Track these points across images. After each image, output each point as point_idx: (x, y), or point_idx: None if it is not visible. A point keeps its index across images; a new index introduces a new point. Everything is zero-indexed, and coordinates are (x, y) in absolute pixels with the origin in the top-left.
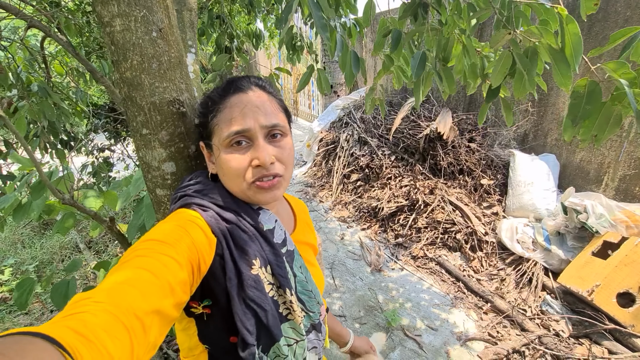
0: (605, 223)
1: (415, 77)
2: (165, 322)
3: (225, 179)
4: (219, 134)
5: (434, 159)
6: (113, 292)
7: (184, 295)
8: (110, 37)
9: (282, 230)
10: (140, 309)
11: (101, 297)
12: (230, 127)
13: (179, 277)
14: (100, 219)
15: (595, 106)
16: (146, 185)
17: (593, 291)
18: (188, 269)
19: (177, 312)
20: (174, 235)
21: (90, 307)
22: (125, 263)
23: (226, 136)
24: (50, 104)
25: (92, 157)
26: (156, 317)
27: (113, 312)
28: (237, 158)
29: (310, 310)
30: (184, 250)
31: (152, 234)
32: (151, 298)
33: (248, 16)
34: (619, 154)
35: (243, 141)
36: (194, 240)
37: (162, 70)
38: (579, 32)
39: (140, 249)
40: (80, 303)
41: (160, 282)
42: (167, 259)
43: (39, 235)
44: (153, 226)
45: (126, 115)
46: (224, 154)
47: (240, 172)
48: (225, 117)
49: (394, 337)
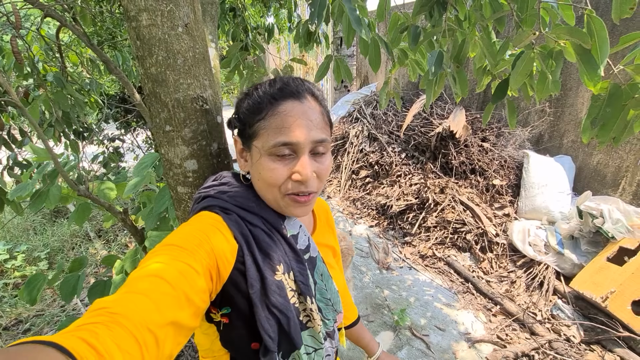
0: (622, 228)
1: (432, 75)
2: (182, 333)
3: (260, 184)
4: (264, 139)
5: (446, 157)
6: (129, 303)
7: (203, 303)
8: (136, 32)
9: (306, 236)
10: (154, 322)
11: (117, 308)
12: (279, 136)
13: (197, 286)
14: (114, 211)
15: (616, 109)
16: (167, 182)
17: (607, 297)
18: (207, 277)
19: (196, 321)
20: (194, 241)
21: (105, 317)
22: (144, 270)
23: (272, 144)
24: (65, 94)
25: (103, 146)
26: (171, 329)
27: (126, 325)
28: (278, 169)
29: (325, 318)
30: (203, 258)
31: (173, 238)
32: (166, 310)
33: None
34: (638, 158)
35: (288, 153)
36: (214, 246)
37: (187, 66)
38: (606, 32)
39: (159, 254)
40: (97, 312)
41: (177, 292)
42: (185, 267)
43: (50, 223)
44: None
45: (149, 111)
46: (266, 160)
47: (278, 183)
48: (276, 124)
49: (401, 336)
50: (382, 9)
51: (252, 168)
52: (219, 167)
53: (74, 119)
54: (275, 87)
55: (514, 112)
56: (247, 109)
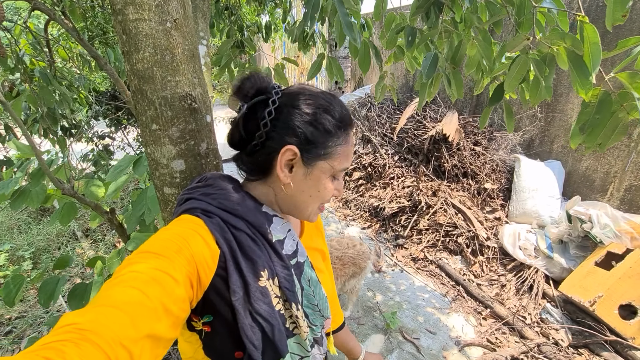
0: (609, 233)
1: (426, 77)
2: (161, 345)
3: (310, 198)
4: (336, 162)
5: (438, 160)
6: (100, 317)
7: (183, 312)
8: (122, 26)
9: (294, 240)
10: (128, 337)
11: (87, 324)
12: (346, 163)
13: (175, 295)
14: (101, 210)
15: (605, 115)
16: (153, 183)
17: (595, 302)
18: (186, 285)
19: (176, 332)
20: (172, 247)
21: (74, 334)
22: (118, 279)
23: (341, 169)
24: (50, 90)
25: (92, 144)
26: (147, 343)
27: (97, 342)
28: (332, 187)
29: (312, 324)
30: (182, 265)
31: (150, 245)
32: (141, 323)
33: (258, 8)
34: (626, 164)
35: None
36: (194, 252)
37: (175, 63)
38: (598, 39)
39: (135, 262)
40: (65, 329)
41: (153, 303)
42: (163, 275)
43: (36, 222)
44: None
45: (135, 109)
46: (327, 180)
47: (326, 198)
48: (346, 152)
49: (392, 339)
50: (379, 9)
51: (304, 182)
52: (207, 168)
53: (58, 115)
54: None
55: (512, 115)
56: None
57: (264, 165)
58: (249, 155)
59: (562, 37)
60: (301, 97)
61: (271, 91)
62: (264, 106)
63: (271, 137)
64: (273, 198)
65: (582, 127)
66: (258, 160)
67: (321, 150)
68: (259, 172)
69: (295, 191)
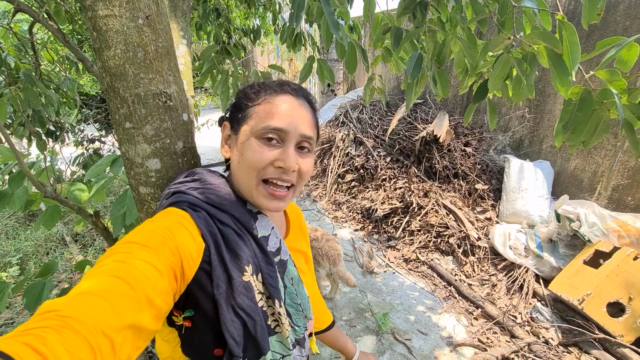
0: (597, 232)
1: (411, 78)
2: (142, 336)
3: (240, 166)
4: (255, 121)
5: (430, 161)
6: (82, 305)
7: (166, 305)
8: (92, 23)
9: (277, 238)
10: (110, 325)
11: (68, 311)
12: (271, 120)
13: (159, 286)
14: (85, 213)
15: (586, 113)
16: (129, 182)
17: (584, 300)
18: (170, 277)
19: (158, 324)
20: (157, 238)
21: (55, 321)
22: (102, 268)
23: (263, 127)
24: (36, 92)
25: (82, 148)
26: (129, 333)
27: (79, 329)
28: (263, 151)
29: (295, 324)
30: (166, 256)
31: (135, 235)
32: (124, 313)
33: (247, 11)
34: (613, 163)
35: (275, 139)
36: (178, 245)
37: (148, 60)
38: (577, 38)
39: (119, 252)
40: (45, 316)
41: (137, 294)
42: (147, 266)
43: (24, 227)
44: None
45: (109, 107)
46: (252, 142)
47: (260, 166)
48: (270, 110)
49: (383, 340)
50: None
51: (235, 152)
52: (184, 167)
53: (45, 117)
54: (277, 82)
55: (495, 113)
56: (245, 95)
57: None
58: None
59: (541, 37)
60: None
61: None
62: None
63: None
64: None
65: (565, 125)
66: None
67: (241, 115)
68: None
69: (232, 164)
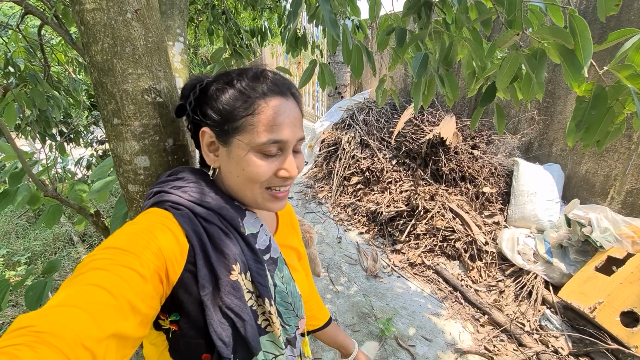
0: (610, 238)
1: (416, 77)
2: (128, 345)
3: (239, 180)
4: (252, 135)
5: (436, 164)
6: (58, 318)
7: (152, 310)
8: (80, 17)
9: (267, 236)
10: (90, 337)
11: (44, 326)
12: (271, 134)
13: (142, 292)
14: (85, 212)
15: (601, 111)
16: (118, 180)
17: (595, 308)
18: (154, 281)
19: (144, 330)
20: (139, 242)
21: (29, 337)
22: (80, 276)
23: (264, 142)
24: (42, 92)
25: (92, 149)
26: (113, 342)
27: (55, 343)
28: (265, 165)
29: (286, 324)
30: (149, 260)
31: (115, 240)
32: (105, 322)
33: (253, 13)
34: (627, 167)
35: (276, 151)
36: (162, 247)
37: (137, 55)
38: (589, 31)
39: (99, 259)
40: (19, 332)
41: (118, 301)
42: (129, 272)
43: (33, 226)
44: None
45: (97, 102)
46: (252, 157)
47: (264, 179)
48: (267, 121)
49: (387, 346)
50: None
51: (229, 163)
52: (175, 165)
53: (51, 118)
54: (261, 82)
55: (503, 117)
56: (231, 101)
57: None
58: (197, 148)
59: (551, 32)
60: (220, 77)
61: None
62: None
63: (195, 125)
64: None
65: (579, 124)
66: (199, 149)
67: (232, 124)
68: (204, 162)
69: (225, 173)
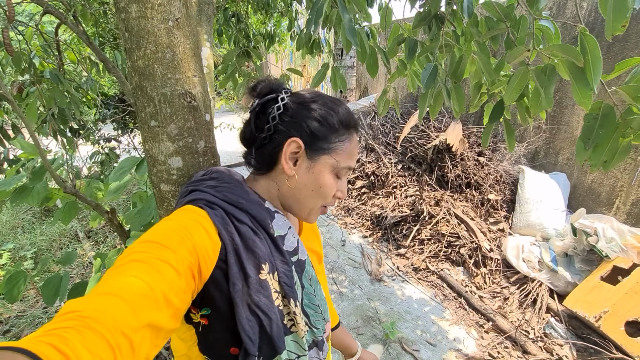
0: (616, 247)
1: (425, 87)
2: (160, 335)
3: (309, 193)
4: (341, 158)
5: (442, 170)
6: (101, 305)
7: (183, 304)
8: (125, 24)
9: (295, 238)
10: (129, 325)
11: (88, 312)
12: (351, 161)
13: (176, 286)
14: (101, 210)
15: (609, 130)
16: (150, 179)
17: (600, 317)
18: (187, 276)
19: (176, 323)
20: (175, 237)
21: (76, 322)
22: (121, 268)
23: (345, 167)
24: (62, 91)
25: (99, 146)
26: (148, 332)
27: (99, 329)
28: (335, 185)
29: (314, 326)
30: (184, 256)
31: (153, 234)
32: (142, 312)
33: (263, 17)
34: (633, 178)
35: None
36: (196, 243)
37: (176, 61)
38: (599, 51)
39: (138, 251)
40: (67, 316)
41: (155, 293)
42: (165, 266)
43: (40, 222)
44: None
45: (135, 105)
46: (330, 176)
47: (329, 196)
48: (350, 150)
49: (391, 350)
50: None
51: (306, 175)
52: (204, 166)
53: (69, 115)
54: (352, 117)
55: (512, 134)
56: (335, 125)
57: (271, 158)
58: (258, 149)
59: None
60: (309, 96)
61: (281, 91)
62: (274, 103)
63: (278, 131)
64: (275, 193)
65: (587, 142)
66: (265, 152)
67: (325, 144)
68: (265, 165)
69: (298, 184)
